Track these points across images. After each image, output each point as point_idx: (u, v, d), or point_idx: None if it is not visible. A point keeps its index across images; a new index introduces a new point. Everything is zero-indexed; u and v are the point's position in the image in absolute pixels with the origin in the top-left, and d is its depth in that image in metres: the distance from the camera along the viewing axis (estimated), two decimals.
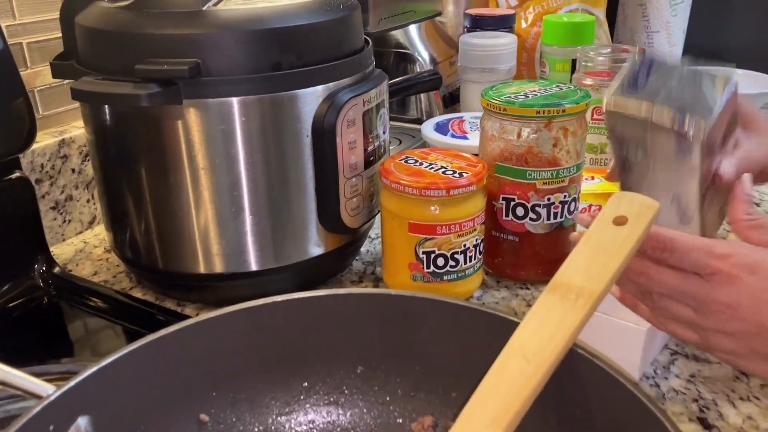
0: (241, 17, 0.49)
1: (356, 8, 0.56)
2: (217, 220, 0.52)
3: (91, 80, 0.48)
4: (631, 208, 0.36)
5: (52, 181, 0.67)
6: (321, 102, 0.52)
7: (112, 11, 0.51)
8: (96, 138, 0.55)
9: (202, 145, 0.50)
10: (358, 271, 0.62)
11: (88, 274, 0.63)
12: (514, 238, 0.58)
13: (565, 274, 0.33)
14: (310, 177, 0.53)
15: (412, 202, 0.53)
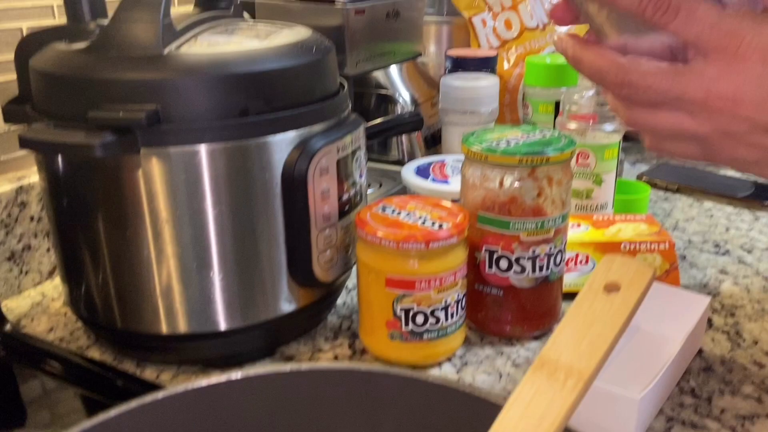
0: (205, 62, 0.46)
1: (330, 51, 0.54)
2: (180, 276, 0.48)
3: (42, 128, 0.45)
4: (623, 273, 0.33)
5: (8, 230, 0.63)
6: (292, 149, 0.49)
7: (68, 54, 0.48)
8: (49, 186, 0.51)
9: (163, 196, 0.46)
10: (333, 327, 0.58)
11: (43, 331, 0.59)
12: (498, 292, 0.55)
13: (552, 349, 0.30)
14: (280, 229, 0.50)
15: (389, 255, 0.50)
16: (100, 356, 0.55)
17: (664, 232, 0.64)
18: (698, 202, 0.84)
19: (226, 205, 0.47)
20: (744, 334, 0.56)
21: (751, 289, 0.64)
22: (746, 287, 0.64)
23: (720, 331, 0.57)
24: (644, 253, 0.62)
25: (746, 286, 0.64)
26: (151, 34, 0.45)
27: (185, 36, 0.49)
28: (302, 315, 0.54)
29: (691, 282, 0.65)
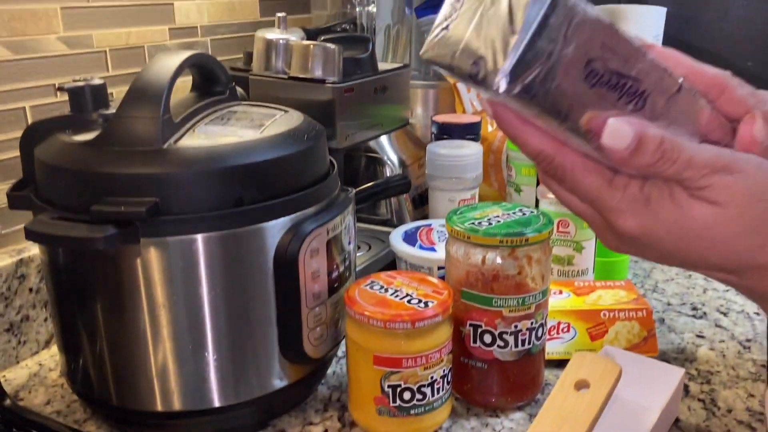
0: (202, 155, 0.48)
1: (321, 135, 0.57)
2: (175, 357, 0.50)
3: (46, 220, 0.47)
4: (592, 370, 0.35)
5: (7, 302, 0.65)
6: (284, 233, 0.51)
7: (72, 147, 0.50)
8: (50, 269, 0.53)
9: (160, 282, 0.49)
10: (323, 398, 0.60)
11: (40, 403, 0.60)
12: (482, 366, 0.57)
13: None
14: (272, 309, 0.52)
15: (376, 333, 0.52)
16: (96, 431, 0.56)
17: (642, 299, 0.66)
18: None
19: (220, 289, 0.50)
20: (719, 402, 0.59)
21: (726, 354, 0.66)
22: (722, 352, 0.67)
23: (696, 399, 0.59)
24: (623, 321, 0.64)
25: (722, 351, 0.67)
26: (152, 130, 0.48)
27: (184, 128, 0.52)
28: (293, 389, 0.56)
29: (669, 347, 0.68)
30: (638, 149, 0.32)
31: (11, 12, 0.65)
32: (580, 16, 0.30)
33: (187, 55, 0.53)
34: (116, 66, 0.76)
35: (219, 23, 0.90)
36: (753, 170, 0.33)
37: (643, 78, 0.33)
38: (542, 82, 0.30)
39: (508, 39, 0.30)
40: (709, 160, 0.32)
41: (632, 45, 0.32)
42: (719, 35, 1.10)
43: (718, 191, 0.32)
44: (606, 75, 0.32)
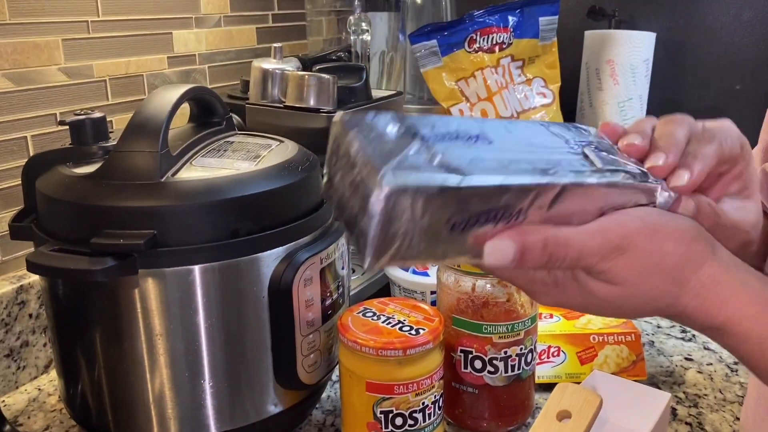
0: (199, 188, 0.50)
1: (315, 166, 0.58)
2: (172, 385, 0.52)
3: (46, 252, 0.48)
4: (574, 401, 0.36)
5: (7, 328, 0.66)
6: (278, 263, 0.53)
7: (72, 180, 0.52)
8: (50, 291, 0.54)
9: (158, 312, 0.50)
10: (317, 423, 0.61)
11: (39, 429, 0.61)
12: (473, 391, 0.58)
13: None
14: (266, 337, 0.53)
15: (369, 360, 0.53)
16: None
17: (631, 323, 0.68)
18: None
19: (216, 317, 0.51)
20: (706, 426, 0.60)
21: (714, 377, 0.68)
22: (710, 375, 0.68)
23: (683, 423, 0.60)
24: (612, 345, 0.66)
25: (710, 374, 0.68)
26: (151, 164, 0.50)
27: (181, 161, 0.53)
28: (288, 415, 0.57)
29: (658, 370, 0.69)
30: (523, 258, 0.32)
31: (14, 44, 0.67)
32: (426, 194, 0.30)
33: (185, 90, 0.55)
34: (116, 95, 0.78)
35: (216, 51, 0.92)
36: (644, 243, 0.33)
37: (513, 202, 0.32)
38: (407, 248, 0.31)
39: (363, 228, 0.30)
40: (599, 247, 0.33)
41: (490, 187, 0.31)
42: (708, 59, 1.12)
43: (614, 274, 0.33)
44: (471, 219, 0.32)
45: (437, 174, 0.30)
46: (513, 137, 0.35)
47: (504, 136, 0.35)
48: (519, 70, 1.00)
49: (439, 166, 0.30)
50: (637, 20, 1.13)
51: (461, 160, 0.31)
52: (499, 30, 0.98)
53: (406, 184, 0.29)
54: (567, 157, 0.35)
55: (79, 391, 0.55)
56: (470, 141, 0.33)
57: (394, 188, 0.28)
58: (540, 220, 0.33)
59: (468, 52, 0.98)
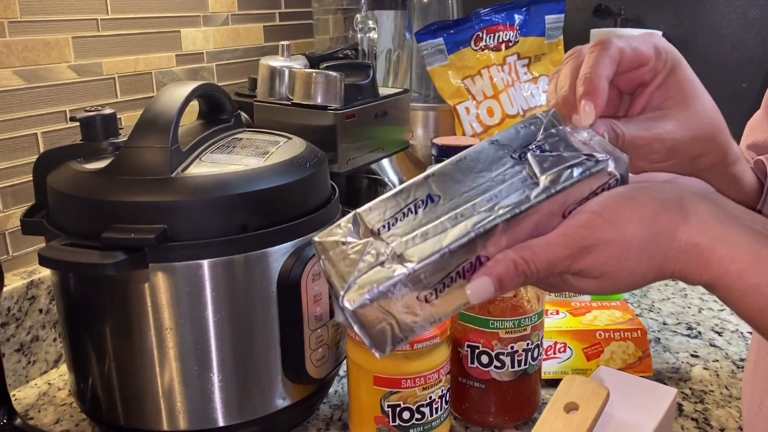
0: (208, 183, 0.50)
1: (323, 163, 0.59)
2: (181, 378, 0.52)
3: (58, 246, 0.49)
4: (581, 393, 0.37)
5: (18, 323, 0.67)
6: (287, 258, 0.53)
7: (83, 175, 0.52)
8: (61, 286, 0.55)
9: (167, 306, 0.50)
10: (325, 417, 0.62)
11: (50, 422, 0.62)
12: (480, 385, 0.58)
13: None
14: (275, 331, 0.54)
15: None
16: None
17: (637, 319, 0.68)
18: (673, 282, 0.88)
19: (225, 312, 0.51)
20: (712, 422, 0.60)
21: (720, 373, 0.68)
22: (716, 371, 0.68)
23: (689, 419, 0.61)
24: (618, 341, 0.66)
25: (716, 371, 0.68)
26: (161, 160, 0.50)
27: (191, 156, 0.54)
28: (296, 409, 0.57)
29: (664, 367, 0.69)
30: (503, 285, 0.34)
31: (25, 42, 0.67)
32: (385, 294, 0.33)
33: (194, 87, 0.55)
34: (125, 92, 0.79)
35: (224, 49, 0.92)
36: (606, 235, 0.34)
37: (467, 256, 0.34)
38: (400, 333, 0.35)
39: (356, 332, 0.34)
40: (564, 253, 0.34)
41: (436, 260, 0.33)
42: (714, 58, 1.12)
43: (591, 270, 0.34)
44: (438, 287, 0.34)
45: (387, 272, 0.33)
46: (458, 183, 0.37)
47: (449, 186, 0.36)
48: (525, 68, 1.00)
49: (390, 259, 0.34)
50: (643, 18, 1.13)
51: (407, 243, 0.34)
52: (506, 28, 0.99)
53: (364, 299, 0.33)
54: (508, 184, 0.36)
55: (89, 384, 0.56)
56: (418, 211, 0.36)
57: (356, 307, 0.33)
58: (503, 249, 0.34)
59: (474, 50, 0.98)
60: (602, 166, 0.35)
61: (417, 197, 0.36)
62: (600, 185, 0.35)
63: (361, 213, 0.37)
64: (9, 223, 0.68)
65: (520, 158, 0.37)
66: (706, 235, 0.34)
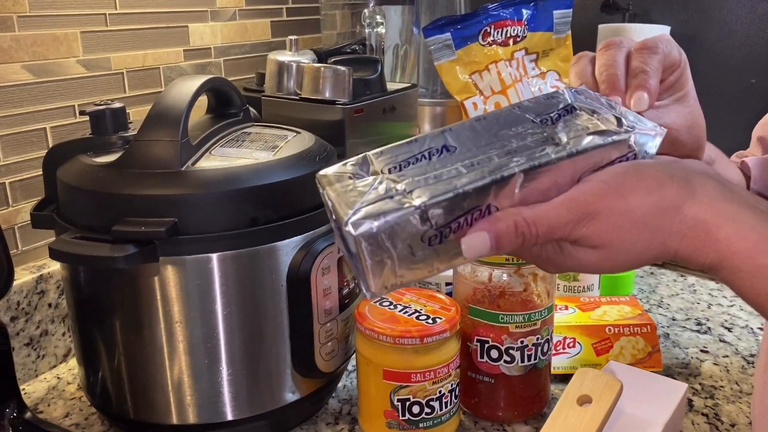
0: (218, 177, 0.50)
1: (332, 157, 0.59)
2: (190, 372, 0.52)
3: (69, 240, 0.49)
4: (594, 386, 0.36)
5: (27, 317, 0.67)
6: (297, 252, 0.53)
7: (93, 169, 0.52)
8: (71, 279, 0.55)
9: (177, 299, 0.50)
10: (333, 411, 0.62)
11: (59, 416, 0.62)
12: (489, 380, 0.58)
13: None
14: (284, 325, 0.54)
15: (386, 348, 0.53)
16: None
17: (646, 314, 0.68)
18: (682, 278, 0.88)
19: (235, 305, 0.51)
20: (722, 417, 0.60)
21: (730, 369, 0.67)
22: (726, 367, 0.68)
23: (700, 414, 0.60)
24: (627, 336, 0.66)
25: (726, 366, 0.68)
26: (171, 153, 0.50)
27: (200, 150, 0.54)
28: (305, 403, 0.57)
29: (674, 362, 0.69)
30: (500, 244, 0.34)
31: (34, 37, 0.67)
32: (390, 227, 0.33)
33: (204, 80, 0.55)
34: (133, 87, 0.79)
35: (231, 44, 0.92)
36: (610, 203, 0.34)
37: (477, 203, 0.34)
38: (399, 274, 0.34)
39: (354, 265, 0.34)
40: (566, 218, 0.34)
41: (448, 199, 0.33)
42: (723, 53, 1.11)
43: (591, 239, 0.34)
44: (444, 230, 0.34)
45: (396, 204, 0.33)
46: (476, 136, 0.36)
47: (467, 139, 0.36)
48: (533, 64, 1.00)
49: (400, 194, 0.33)
50: (652, 13, 1.13)
51: (418, 182, 0.33)
52: (514, 23, 0.98)
53: (371, 226, 0.32)
54: (529, 140, 0.35)
55: (99, 378, 0.56)
56: (432, 158, 0.35)
57: (360, 232, 0.32)
58: (513, 205, 0.34)
59: (482, 46, 0.98)
60: (625, 137, 0.35)
61: (432, 146, 0.36)
62: (619, 156, 0.35)
63: (371, 155, 0.36)
64: (18, 218, 0.68)
65: (541, 122, 0.36)
66: (712, 212, 0.33)
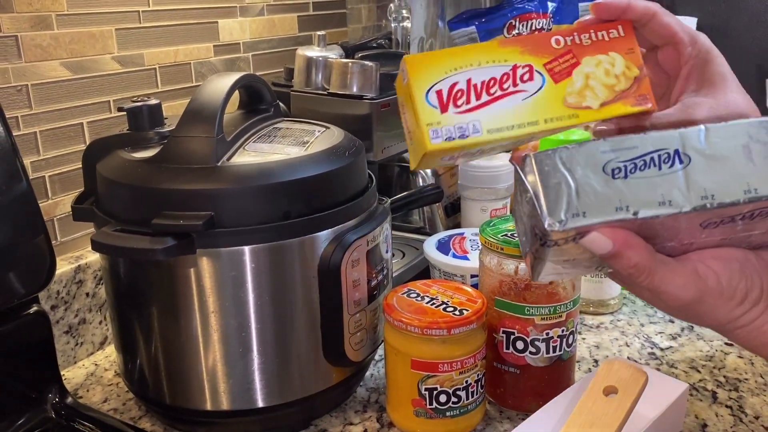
0: (253, 172, 0.52)
1: (361, 151, 0.60)
2: (225, 360, 0.54)
3: (110, 232, 0.51)
4: (620, 377, 0.37)
5: (66, 306, 0.69)
6: (327, 244, 0.54)
7: (132, 164, 0.54)
8: (110, 270, 0.57)
9: (212, 290, 0.52)
10: (362, 400, 0.63)
11: (98, 401, 0.65)
12: (515, 371, 0.59)
13: None
14: (315, 315, 0.55)
15: (414, 339, 0.55)
16: (151, 427, 0.60)
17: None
18: None
19: (267, 296, 0.53)
20: (746, 409, 0.60)
21: (755, 362, 0.68)
22: (750, 360, 0.68)
23: (724, 406, 0.61)
24: (593, 56, 0.42)
25: (750, 359, 0.68)
26: (207, 149, 0.52)
27: (235, 146, 0.55)
28: (334, 391, 0.59)
29: (698, 354, 0.69)
30: (612, 260, 0.37)
31: (71, 35, 0.69)
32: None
33: (237, 77, 0.57)
34: (165, 82, 0.81)
35: (260, 39, 0.94)
36: (707, 300, 0.38)
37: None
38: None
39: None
40: (679, 296, 0.38)
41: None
42: (751, 43, 1.10)
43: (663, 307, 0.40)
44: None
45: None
46: (716, 148, 0.36)
47: (700, 155, 0.36)
48: None
49: (617, 208, 0.36)
50: (678, 5, 1.12)
51: (641, 200, 0.36)
52: (539, 16, 0.98)
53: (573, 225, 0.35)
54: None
55: (137, 365, 0.58)
56: (663, 167, 0.36)
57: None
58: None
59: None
60: None
61: (667, 148, 0.36)
62: None
63: (597, 148, 0.37)
64: (57, 210, 0.71)
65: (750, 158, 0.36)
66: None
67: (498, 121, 0.39)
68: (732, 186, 0.35)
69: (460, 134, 0.39)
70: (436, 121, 0.39)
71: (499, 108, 0.40)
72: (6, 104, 0.65)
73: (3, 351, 0.57)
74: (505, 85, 0.40)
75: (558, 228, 0.35)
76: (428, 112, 0.39)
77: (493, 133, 0.39)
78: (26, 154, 0.67)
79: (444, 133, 0.39)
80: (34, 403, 0.61)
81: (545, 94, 0.40)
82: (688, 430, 0.58)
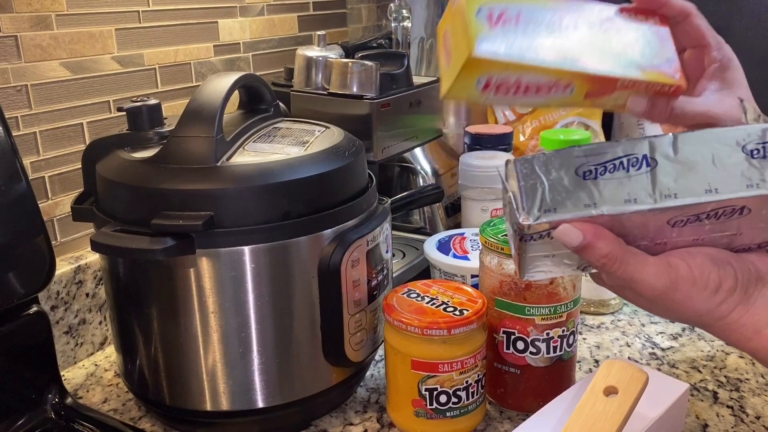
0: (252, 172, 0.52)
1: (361, 151, 0.60)
2: (224, 360, 0.54)
3: (109, 233, 0.51)
4: (620, 377, 0.37)
5: (66, 306, 0.69)
6: (327, 244, 0.54)
7: (132, 164, 0.54)
8: (110, 270, 0.57)
9: (212, 290, 0.52)
10: (362, 400, 0.63)
11: (98, 402, 0.65)
12: (515, 371, 0.59)
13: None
14: (315, 316, 0.55)
15: (414, 339, 0.55)
16: (151, 428, 0.60)
17: None
18: None
19: (267, 296, 0.53)
20: (747, 410, 0.60)
21: (756, 362, 0.68)
22: (751, 360, 0.68)
23: (725, 406, 0.61)
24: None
25: (751, 359, 0.68)
26: (207, 149, 0.52)
27: (234, 146, 0.55)
28: (334, 391, 0.59)
29: (699, 355, 0.69)
30: (583, 252, 0.39)
31: (71, 35, 0.69)
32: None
33: (237, 77, 0.57)
34: (165, 82, 0.81)
35: (260, 39, 0.94)
36: (679, 289, 0.40)
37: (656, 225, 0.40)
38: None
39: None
40: (655, 285, 0.40)
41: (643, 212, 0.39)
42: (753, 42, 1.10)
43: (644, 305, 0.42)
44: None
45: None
46: (683, 154, 0.39)
47: (667, 159, 0.39)
48: None
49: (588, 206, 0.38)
50: None
51: (615, 200, 0.38)
52: None
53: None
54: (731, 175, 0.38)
55: (136, 365, 0.58)
56: (631, 169, 0.39)
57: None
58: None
59: None
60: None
61: (637, 153, 0.39)
62: None
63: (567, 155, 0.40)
64: (57, 210, 0.71)
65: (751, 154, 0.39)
66: (752, 318, 0.40)
67: (540, 52, 0.41)
68: (695, 186, 0.38)
69: (504, 51, 0.40)
70: (484, 33, 0.41)
71: (542, 41, 0.42)
72: (6, 104, 0.65)
73: (3, 351, 0.57)
74: (551, 26, 0.42)
75: (531, 222, 0.38)
76: (478, 24, 0.41)
77: (536, 62, 0.41)
78: (26, 154, 0.67)
79: (489, 46, 0.40)
80: (34, 403, 0.61)
81: (590, 41, 0.43)
82: (689, 430, 0.58)
